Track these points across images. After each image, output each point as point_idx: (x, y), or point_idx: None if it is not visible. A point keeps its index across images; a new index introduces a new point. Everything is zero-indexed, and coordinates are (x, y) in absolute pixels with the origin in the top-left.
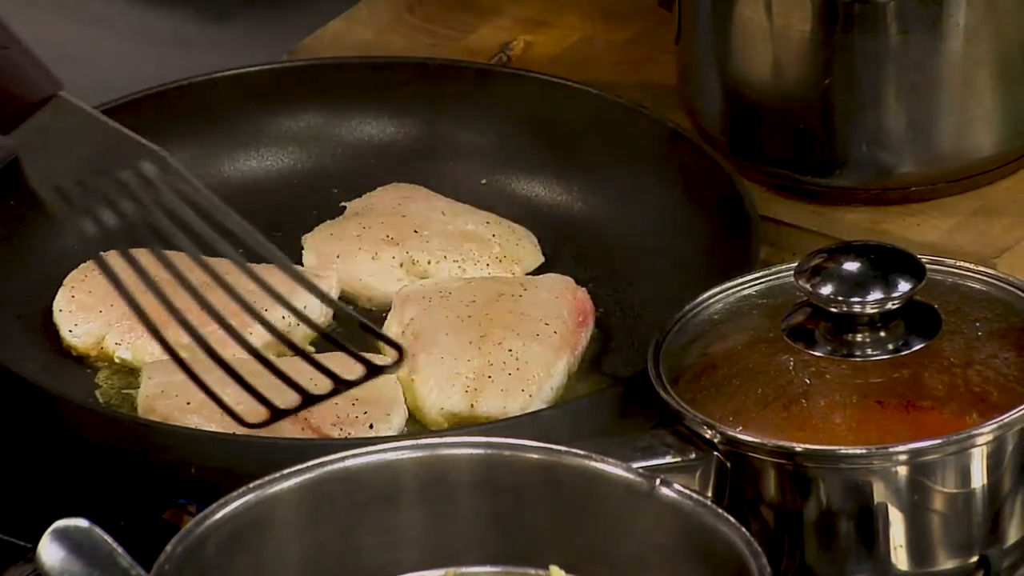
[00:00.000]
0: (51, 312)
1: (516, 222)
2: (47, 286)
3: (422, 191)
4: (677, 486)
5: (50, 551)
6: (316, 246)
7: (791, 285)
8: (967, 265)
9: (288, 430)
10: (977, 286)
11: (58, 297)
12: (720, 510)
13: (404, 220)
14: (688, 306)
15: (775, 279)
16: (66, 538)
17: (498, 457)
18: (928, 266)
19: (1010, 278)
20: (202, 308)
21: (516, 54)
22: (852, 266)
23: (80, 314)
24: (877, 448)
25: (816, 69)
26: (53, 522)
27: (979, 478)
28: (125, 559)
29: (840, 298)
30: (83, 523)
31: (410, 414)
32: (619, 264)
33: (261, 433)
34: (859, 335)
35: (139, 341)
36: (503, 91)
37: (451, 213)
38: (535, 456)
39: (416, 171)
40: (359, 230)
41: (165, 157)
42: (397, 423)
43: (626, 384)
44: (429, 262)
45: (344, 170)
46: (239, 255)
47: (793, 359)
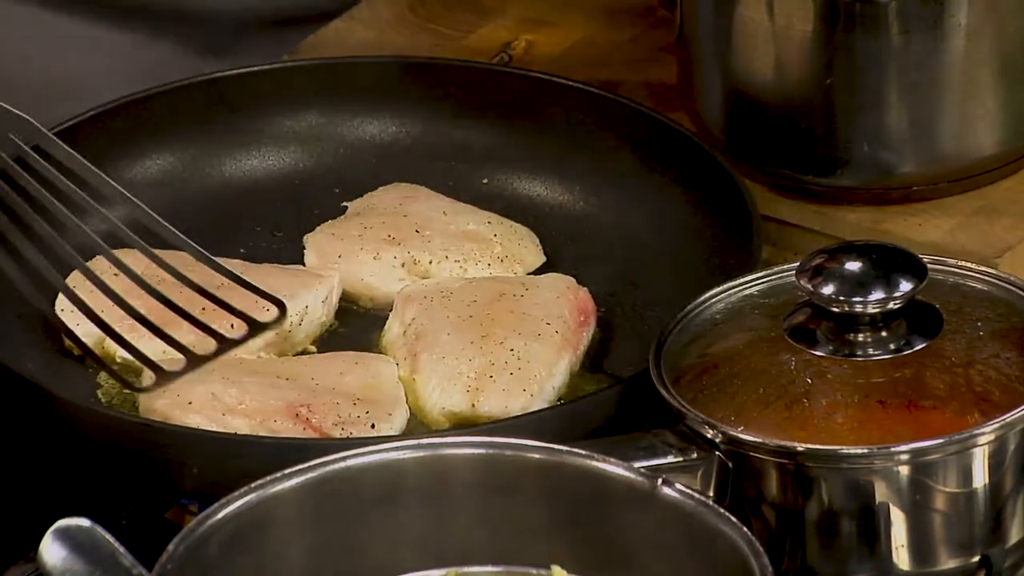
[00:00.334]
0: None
1: (518, 222)
2: (49, 286)
3: (424, 191)
4: (679, 486)
5: (52, 551)
6: (318, 246)
7: (793, 285)
8: (969, 265)
9: (290, 430)
10: (979, 286)
11: (60, 297)
12: (722, 510)
13: (406, 220)
14: (690, 306)
15: (777, 279)
16: (68, 538)
17: (500, 457)
18: (930, 266)
19: (1012, 278)
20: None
21: (518, 54)
22: (854, 266)
23: (81, 314)
24: (879, 448)
25: (817, 69)
26: (55, 522)
27: (981, 478)
28: (127, 558)
29: (842, 298)
30: (85, 522)
31: (412, 414)
32: (621, 264)
33: (261, 433)
34: (861, 335)
35: (141, 341)
36: (505, 91)
37: (453, 213)
38: (536, 456)
39: (418, 171)
40: (361, 230)
41: (34, 124)
42: (399, 423)
43: (628, 384)
44: (431, 262)
45: (346, 170)
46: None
47: (795, 359)
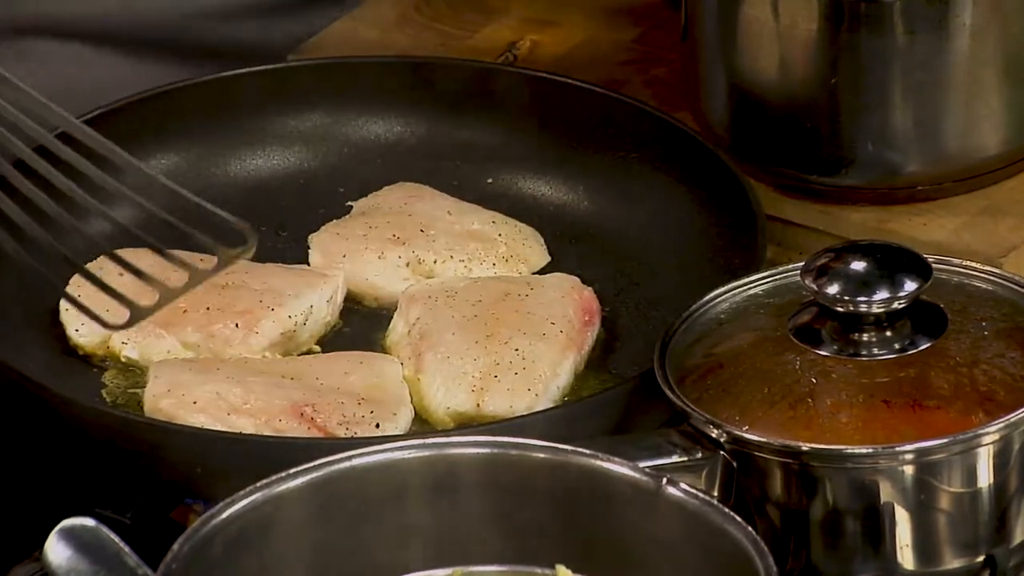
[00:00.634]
0: (57, 311)
1: (522, 221)
2: (53, 285)
3: (428, 190)
4: (683, 485)
5: (57, 550)
6: (322, 245)
7: (797, 284)
8: (973, 264)
9: (295, 429)
10: (983, 285)
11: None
12: (726, 509)
13: (410, 219)
14: (694, 305)
15: (781, 278)
16: (73, 537)
17: (504, 456)
18: (934, 265)
19: (1016, 277)
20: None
21: (523, 53)
22: (858, 265)
23: (84, 315)
24: (883, 447)
25: (822, 68)
26: (59, 521)
27: (985, 477)
28: (132, 558)
29: (846, 297)
30: (90, 522)
31: (416, 413)
32: (625, 263)
33: (266, 432)
34: (865, 334)
35: (146, 340)
36: (509, 90)
37: (457, 212)
38: (541, 455)
39: (422, 170)
40: (365, 229)
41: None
42: (403, 422)
43: (632, 383)
44: (435, 261)
45: (350, 169)
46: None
47: (799, 358)
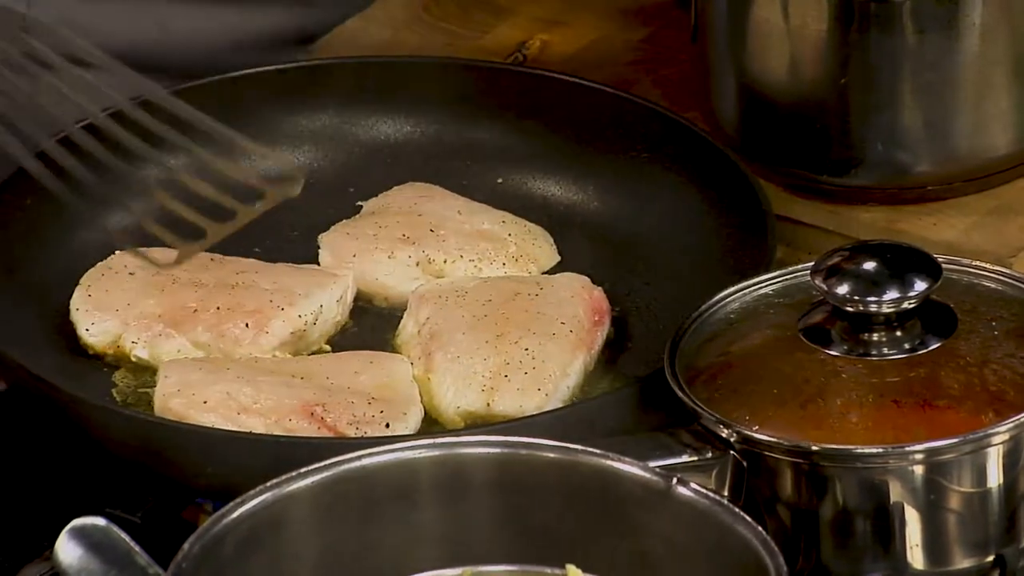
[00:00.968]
0: (68, 311)
1: (532, 221)
2: (64, 285)
3: (438, 190)
4: (694, 485)
5: (67, 549)
6: (332, 245)
7: (807, 284)
8: (983, 264)
9: (305, 429)
10: (993, 285)
11: (75, 296)
12: (736, 509)
13: (420, 219)
14: (704, 305)
15: (791, 278)
16: (83, 536)
17: (515, 456)
18: (944, 265)
19: None
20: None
21: (532, 53)
22: (868, 265)
23: (96, 313)
24: (893, 447)
25: (832, 68)
26: (70, 520)
27: (995, 477)
28: (142, 557)
29: (856, 297)
30: (100, 521)
31: (426, 413)
32: (635, 263)
33: (276, 432)
34: (875, 334)
35: (156, 340)
36: (519, 90)
37: (467, 212)
38: (551, 455)
39: (432, 170)
40: (375, 229)
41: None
42: (413, 422)
43: (642, 383)
44: (445, 261)
45: (360, 169)
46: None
47: (809, 358)
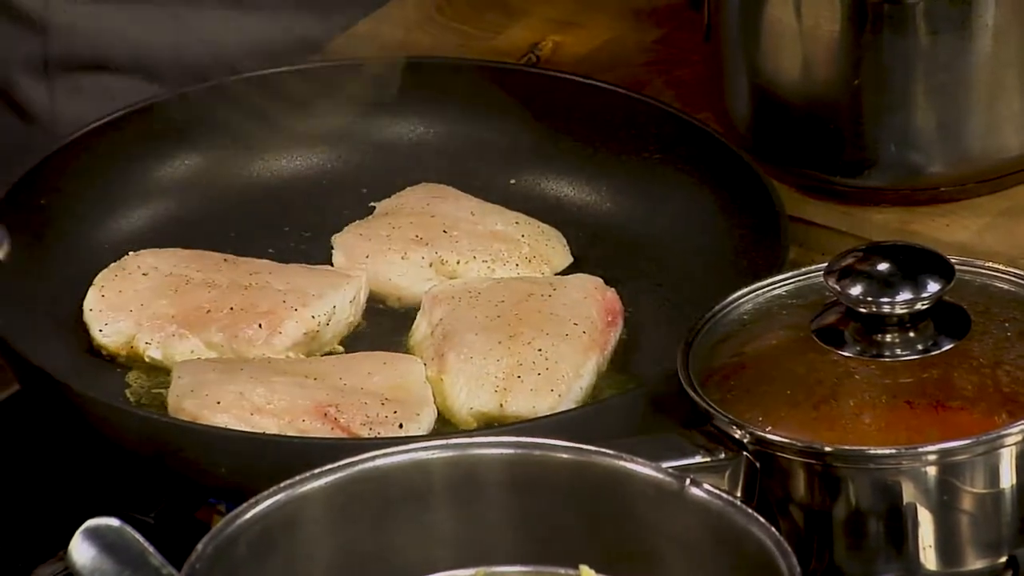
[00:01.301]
0: (81, 312)
1: (545, 222)
2: (77, 286)
3: (451, 191)
4: (707, 486)
5: (81, 550)
6: (345, 246)
7: (820, 285)
8: (996, 265)
9: (318, 430)
10: (1006, 286)
11: (88, 297)
12: (749, 510)
13: (433, 220)
14: (717, 306)
15: (804, 279)
16: (97, 537)
17: (528, 457)
18: (957, 266)
19: None
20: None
21: (545, 54)
22: (881, 266)
23: (110, 314)
24: (906, 448)
25: (845, 69)
26: (84, 521)
27: (1008, 478)
28: (156, 558)
29: (869, 298)
30: (114, 522)
31: (439, 414)
32: (648, 264)
33: (289, 433)
34: (888, 335)
35: (169, 340)
36: (532, 91)
37: (480, 213)
38: (565, 456)
39: (445, 171)
40: (388, 230)
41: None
42: (426, 423)
43: (655, 384)
44: (458, 262)
45: (373, 170)
46: None
47: (822, 359)
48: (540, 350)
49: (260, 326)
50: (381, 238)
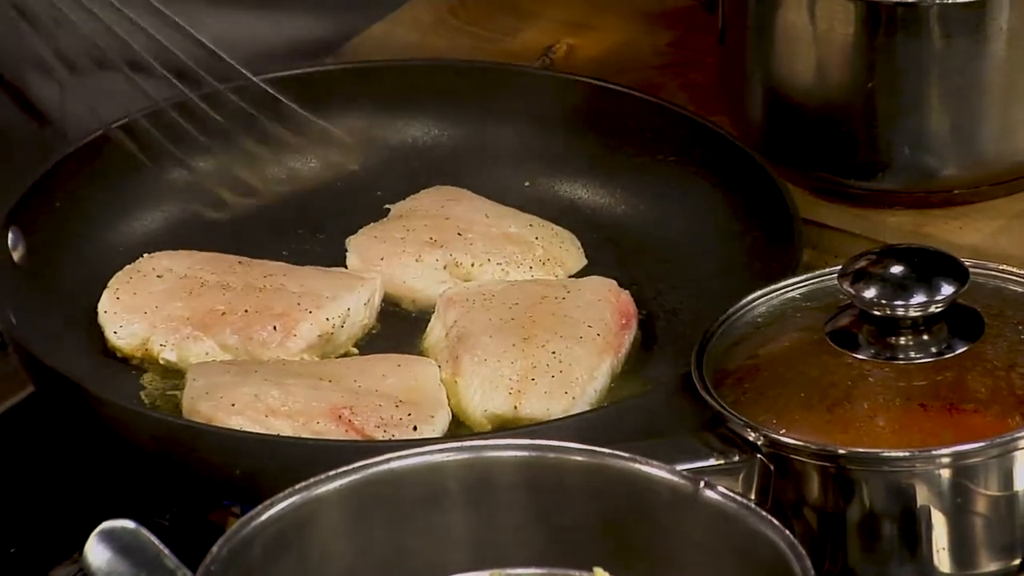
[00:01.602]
0: (96, 314)
1: (559, 225)
2: (92, 288)
3: (466, 193)
4: (721, 488)
5: (97, 552)
6: (360, 248)
7: (834, 288)
8: (1010, 268)
9: (332, 432)
10: (1020, 289)
11: (103, 299)
12: (763, 512)
13: (448, 222)
14: (731, 309)
15: (818, 282)
16: (112, 539)
17: (542, 459)
18: (971, 269)
19: None
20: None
21: (559, 57)
22: (895, 269)
23: (125, 316)
24: (920, 451)
25: (859, 72)
26: (99, 523)
27: (1022, 481)
28: (171, 560)
29: (883, 301)
30: (129, 524)
31: (454, 416)
32: (662, 267)
33: (304, 435)
34: (902, 338)
35: (184, 342)
36: (546, 94)
37: (494, 215)
38: (579, 458)
39: (459, 173)
40: (403, 232)
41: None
42: (441, 425)
43: (669, 387)
44: (472, 264)
45: (388, 172)
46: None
47: (836, 362)
48: (554, 352)
49: (275, 328)
50: (395, 240)
